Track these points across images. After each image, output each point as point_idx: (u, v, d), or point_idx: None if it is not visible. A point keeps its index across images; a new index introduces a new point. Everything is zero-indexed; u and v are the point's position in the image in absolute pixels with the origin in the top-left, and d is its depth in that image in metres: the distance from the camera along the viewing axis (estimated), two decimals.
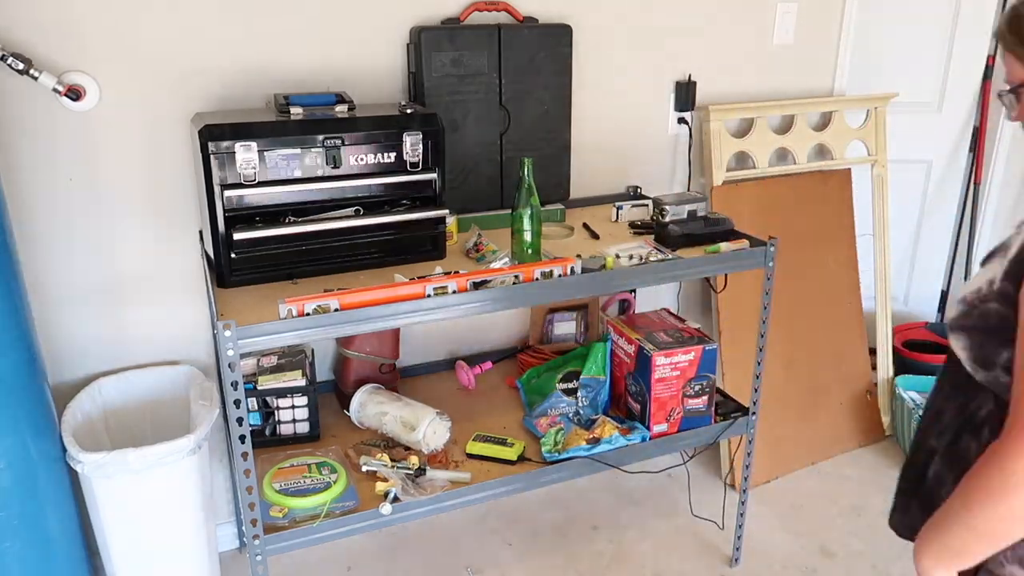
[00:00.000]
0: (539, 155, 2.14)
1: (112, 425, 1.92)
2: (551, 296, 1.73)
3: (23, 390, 1.61)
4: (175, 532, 1.80)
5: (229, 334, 1.45)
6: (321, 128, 1.69)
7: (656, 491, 2.45)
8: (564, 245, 1.98)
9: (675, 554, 2.24)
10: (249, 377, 1.93)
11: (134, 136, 1.84)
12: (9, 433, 1.57)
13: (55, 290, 1.87)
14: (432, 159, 1.79)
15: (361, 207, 1.76)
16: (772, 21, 2.50)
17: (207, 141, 1.61)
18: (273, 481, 1.74)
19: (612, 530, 2.33)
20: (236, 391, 1.49)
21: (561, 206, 2.19)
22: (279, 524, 1.65)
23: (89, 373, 1.95)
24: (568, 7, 2.17)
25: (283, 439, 1.96)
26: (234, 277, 1.70)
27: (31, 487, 1.63)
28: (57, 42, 1.72)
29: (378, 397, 1.98)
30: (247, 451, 1.54)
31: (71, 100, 1.73)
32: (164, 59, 1.82)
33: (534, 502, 2.44)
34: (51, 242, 1.84)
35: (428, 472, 1.80)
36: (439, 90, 1.97)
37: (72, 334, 1.92)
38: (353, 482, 1.78)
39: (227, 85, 1.89)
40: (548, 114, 2.12)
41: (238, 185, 1.65)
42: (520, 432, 1.99)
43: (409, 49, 2.01)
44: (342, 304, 1.54)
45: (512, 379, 2.24)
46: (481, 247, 1.90)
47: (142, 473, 1.67)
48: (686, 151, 2.49)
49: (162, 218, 1.93)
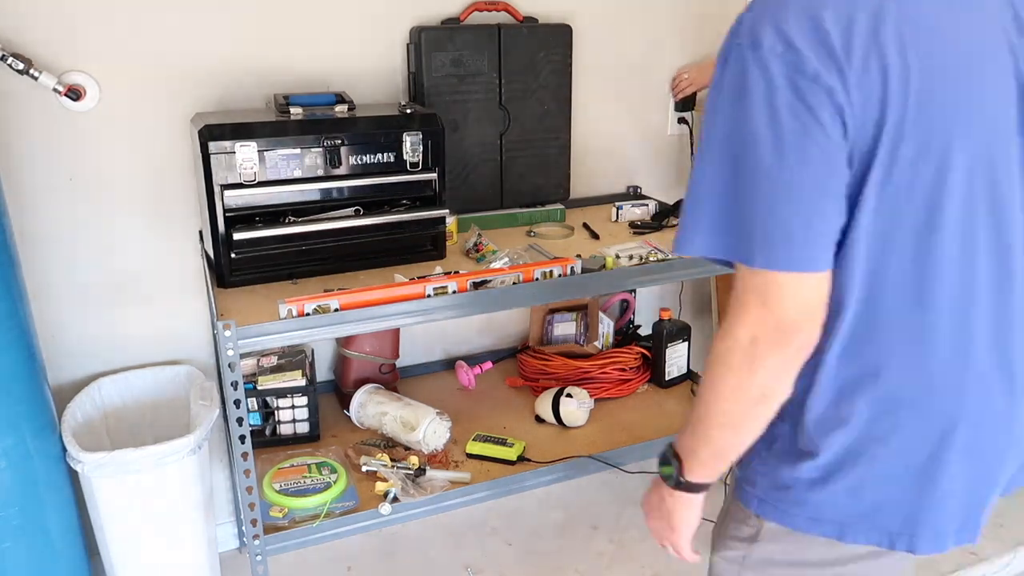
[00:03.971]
0: (539, 155, 2.14)
1: (112, 425, 1.92)
2: (551, 296, 1.73)
3: (23, 390, 1.60)
4: (175, 532, 1.79)
5: (229, 334, 1.45)
6: (321, 128, 1.69)
7: None
8: (564, 245, 1.98)
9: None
10: (249, 377, 1.93)
11: (134, 136, 1.84)
12: (9, 433, 1.57)
13: (55, 290, 1.87)
14: (432, 159, 1.79)
15: (361, 207, 1.76)
16: None
17: (207, 141, 1.61)
18: (273, 481, 1.75)
19: (612, 530, 2.33)
20: (236, 391, 1.49)
21: (561, 206, 2.19)
22: (279, 524, 1.65)
23: (89, 373, 1.95)
24: (568, 7, 2.17)
25: (283, 439, 1.96)
26: (234, 277, 1.70)
27: (31, 487, 1.63)
28: (57, 42, 1.72)
29: (378, 397, 1.98)
30: (247, 451, 1.54)
31: (71, 100, 1.73)
32: (164, 59, 1.82)
33: (534, 502, 2.44)
34: (51, 242, 1.84)
35: (428, 472, 1.80)
36: (439, 90, 1.97)
37: (72, 334, 1.92)
38: (353, 482, 1.78)
39: (227, 85, 1.89)
40: (548, 114, 2.12)
41: (238, 185, 1.65)
42: (520, 432, 1.99)
43: (409, 49, 2.01)
44: (342, 304, 1.54)
45: (512, 379, 2.24)
46: (481, 247, 1.90)
47: (142, 473, 1.67)
48: (687, 151, 2.49)
49: (162, 218, 1.93)
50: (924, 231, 0.85)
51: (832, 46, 0.80)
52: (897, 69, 0.80)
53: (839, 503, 0.95)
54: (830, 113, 0.80)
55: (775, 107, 0.81)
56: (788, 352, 0.88)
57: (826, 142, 0.81)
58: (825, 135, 0.81)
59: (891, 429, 0.91)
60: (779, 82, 0.81)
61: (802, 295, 0.86)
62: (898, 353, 0.89)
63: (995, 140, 0.85)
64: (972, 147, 0.83)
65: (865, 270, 0.87)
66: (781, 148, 0.82)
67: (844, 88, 0.80)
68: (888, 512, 0.94)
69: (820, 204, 0.83)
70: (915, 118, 0.81)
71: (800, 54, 0.80)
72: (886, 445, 0.92)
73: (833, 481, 0.94)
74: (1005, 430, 0.93)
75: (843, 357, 0.90)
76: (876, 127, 0.81)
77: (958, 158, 0.83)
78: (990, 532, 1.90)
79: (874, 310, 0.88)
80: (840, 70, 0.80)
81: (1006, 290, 0.89)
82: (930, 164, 0.83)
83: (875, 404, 0.91)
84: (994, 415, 0.91)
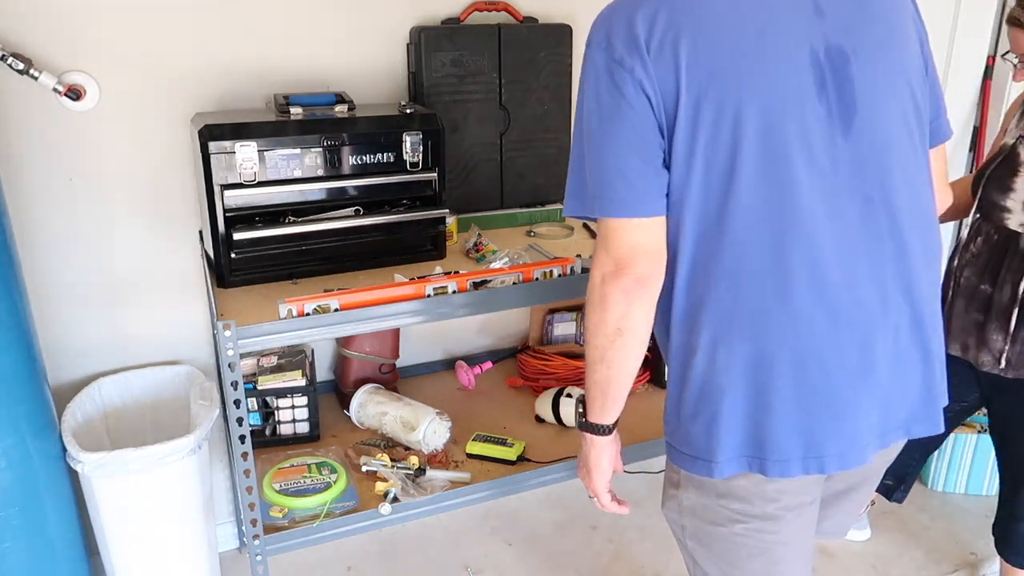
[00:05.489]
0: (539, 155, 2.14)
1: (112, 425, 1.92)
2: (551, 296, 1.73)
3: (23, 390, 1.60)
4: (175, 532, 1.80)
5: (229, 334, 1.45)
6: (321, 128, 1.69)
7: (656, 491, 2.43)
8: (564, 245, 1.98)
9: (675, 554, 2.23)
10: (249, 377, 1.94)
11: (134, 136, 1.84)
12: (9, 433, 1.57)
13: (55, 290, 1.87)
14: (432, 159, 1.79)
15: (361, 207, 1.76)
16: None
17: (207, 141, 1.61)
18: (273, 481, 1.75)
19: (612, 530, 2.33)
20: (236, 391, 1.49)
21: (561, 206, 2.18)
22: (279, 524, 1.65)
23: (89, 373, 1.95)
24: (568, 7, 2.17)
25: (283, 439, 1.96)
26: (234, 277, 1.70)
27: (31, 487, 1.63)
28: (57, 42, 1.72)
29: (378, 397, 1.98)
30: (247, 451, 1.54)
31: (71, 100, 1.73)
32: (164, 59, 1.82)
33: (534, 502, 2.44)
34: (51, 242, 1.84)
35: (428, 472, 1.80)
36: (439, 90, 1.97)
37: (72, 334, 1.92)
38: (353, 482, 1.78)
39: (227, 85, 1.89)
40: (548, 114, 2.11)
41: (238, 185, 1.65)
42: (520, 432, 1.99)
43: (409, 49, 2.01)
44: (342, 304, 1.54)
45: (512, 379, 2.24)
46: (481, 247, 1.90)
47: (142, 473, 1.67)
48: None
49: (162, 218, 1.93)
50: (728, 177, 1.01)
51: (637, 36, 1.00)
52: (687, 50, 0.98)
53: (701, 437, 1.09)
54: (634, 89, 1.00)
55: (598, 89, 1.04)
56: (627, 283, 1.05)
57: (630, 112, 1.01)
58: (630, 106, 1.01)
59: (728, 356, 1.05)
60: (600, 69, 1.03)
61: (631, 236, 1.05)
62: (718, 287, 1.04)
63: (786, 101, 1.00)
64: (763, 107, 0.99)
65: (695, 214, 1.03)
66: (601, 119, 1.04)
67: (643, 68, 0.99)
68: (741, 439, 1.08)
69: (631, 160, 1.03)
70: (707, 87, 0.98)
71: (612, 45, 1.02)
72: (727, 373, 1.05)
73: (699, 414, 1.09)
74: (833, 355, 1.04)
75: (686, 290, 1.07)
76: (675, 96, 0.99)
77: (750, 117, 0.99)
78: (991, 532, 1.90)
79: (705, 248, 1.04)
80: (640, 55, 0.99)
81: (799, 221, 1.01)
82: (726, 122, 0.99)
83: (713, 333, 1.05)
84: (815, 340, 1.03)
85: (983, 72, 2.83)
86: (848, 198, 1.03)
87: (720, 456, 1.08)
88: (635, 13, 1.01)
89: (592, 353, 1.11)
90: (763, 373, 1.04)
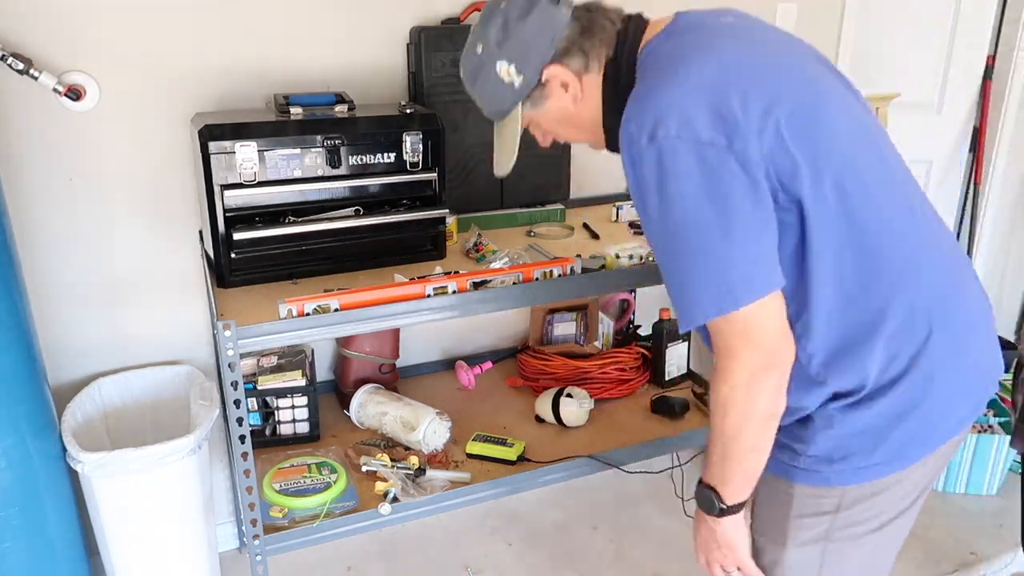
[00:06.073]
0: (539, 155, 2.13)
1: (112, 425, 1.92)
2: (551, 296, 1.73)
3: (23, 390, 1.61)
4: (175, 532, 1.80)
5: (229, 334, 1.45)
6: (321, 128, 1.69)
7: (656, 491, 2.45)
8: (564, 245, 1.98)
9: (675, 554, 2.24)
10: (249, 377, 1.93)
11: (134, 136, 1.84)
12: (9, 433, 1.57)
13: (55, 290, 1.87)
14: (432, 159, 1.79)
15: (361, 207, 1.76)
16: (772, 21, 2.49)
17: (207, 141, 1.61)
18: (273, 481, 1.75)
19: (612, 530, 2.33)
20: (236, 391, 1.49)
21: (561, 206, 2.19)
22: (279, 524, 1.65)
23: (89, 373, 1.95)
24: None
25: (283, 439, 1.96)
26: (234, 277, 1.70)
27: (31, 487, 1.63)
28: (57, 42, 1.72)
29: (378, 397, 1.98)
30: (247, 451, 1.54)
31: (71, 100, 1.73)
32: (164, 59, 1.82)
33: (534, 502, 2.44)
34: (51, 242, 1.84)
35: (428, 472, 1.80)
36: (439, 90, 1.97)
37: (72, 334, 1.92)
38: (353, 482, 1.78)
39: (227, 85, 1.89)
40: None
41: (238, 185, 1.65)
42: (520, 432, 1.99)
43: (409, 49, 2.01)
44: (342, 304, 1.54)
45: (512, 379, 2.24)
46: (481, 247, 1.90)
47: (142, 473, 1.67)
48: None
49: (162, 218, 1.93)
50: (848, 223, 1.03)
51: (722, 113, 0.98)
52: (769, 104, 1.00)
53: (903, 435, 1.10)
54: (739, 164, 0.98)
55: (702, 181, 0.98)
56: (780, 377, 1.05)
57: (745, 187, 0.99)
58: (741, 182, 0.98)
59: (924, 353, 1.07)
60: (693, 160, 0.98)
61: (775, 319, 1.03)
62: (891, 299, 1.06)
63: (859, 152, 1.08)
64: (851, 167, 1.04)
65: (831, 260, 1.04)
66: (715, 207, 0.99)
67: (741, 139, 0.98)
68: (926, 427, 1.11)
69: (764, 236, 1.01)
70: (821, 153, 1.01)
71: (696, 130, 0.99)
72: (917, 367, 1.07)
73: (900, 419, 1.09)
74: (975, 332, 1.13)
75: (825, 337, 1.06)
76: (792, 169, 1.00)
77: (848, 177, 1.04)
78: (991, 532, 1.90)
79: (856, 279, 1.05)
80: (727, 128, 0.98)
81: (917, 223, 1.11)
82: (827, 183, 1.01)
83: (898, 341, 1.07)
84: (971, 315, 1.13)
85: (983, 72, 2.83)
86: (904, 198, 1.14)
87: (910, 447, 1.11)
88: (699, 93, 1.00)
89: (740, 445, 1.08)
90: (941, 357, 1.09)
